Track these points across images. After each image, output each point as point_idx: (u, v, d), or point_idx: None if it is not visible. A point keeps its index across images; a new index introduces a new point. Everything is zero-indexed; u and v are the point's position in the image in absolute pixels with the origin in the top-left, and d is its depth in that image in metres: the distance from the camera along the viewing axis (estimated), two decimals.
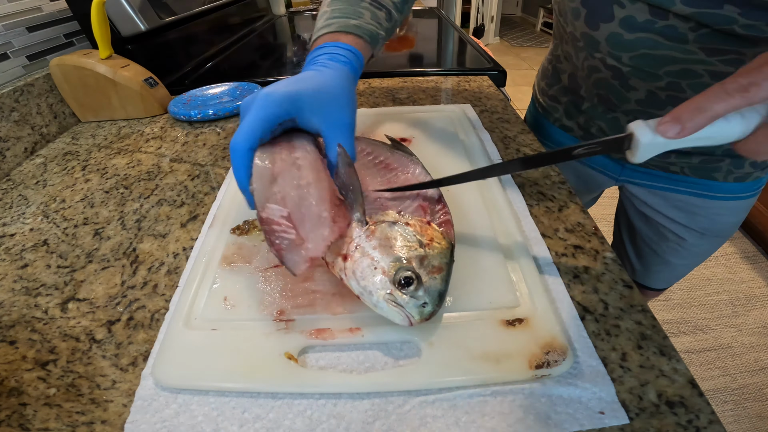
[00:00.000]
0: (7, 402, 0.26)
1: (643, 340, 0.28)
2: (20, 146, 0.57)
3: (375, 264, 0.27)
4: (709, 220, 0.58)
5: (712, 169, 0.52)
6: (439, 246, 0.28)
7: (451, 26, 1.13)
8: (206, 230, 0.39)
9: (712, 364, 1.19)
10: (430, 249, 0.28)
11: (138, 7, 0.70)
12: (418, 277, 0.26)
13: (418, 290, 0.26)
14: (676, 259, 0.65)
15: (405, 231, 0.29)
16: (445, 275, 0.27)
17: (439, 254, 0.28)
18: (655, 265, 0.69)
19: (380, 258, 0.27)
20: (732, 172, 0.52)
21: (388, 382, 0.25)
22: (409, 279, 0.26)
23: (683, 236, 0.61)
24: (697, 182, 0.55)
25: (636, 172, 0.59)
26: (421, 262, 0.27)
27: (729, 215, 0.58)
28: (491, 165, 0.38)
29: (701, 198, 0.56)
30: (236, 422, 0.24)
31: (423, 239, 0.28)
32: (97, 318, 0.32)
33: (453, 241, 0.29)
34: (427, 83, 0.72)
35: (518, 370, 0.25)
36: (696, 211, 0.58)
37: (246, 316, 0.29)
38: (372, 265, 0.27)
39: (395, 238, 0.28)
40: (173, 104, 0.64)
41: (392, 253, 0.27)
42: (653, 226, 0.64)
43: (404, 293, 0.26)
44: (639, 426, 0.23)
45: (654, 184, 0.59)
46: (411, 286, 0.26)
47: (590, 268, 0.33)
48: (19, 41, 0.60)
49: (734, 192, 0.55)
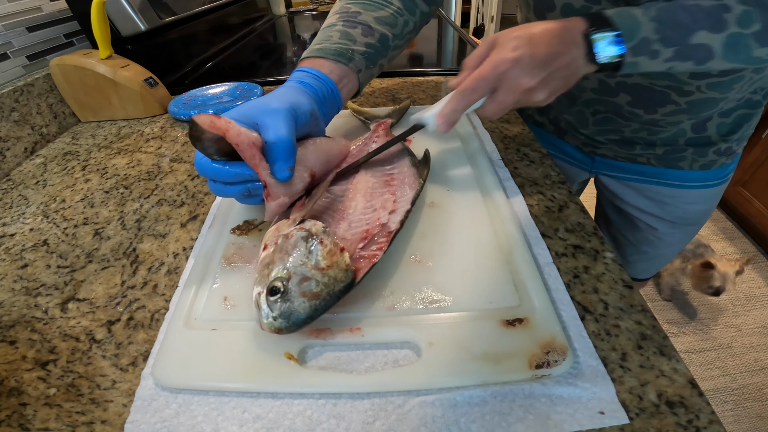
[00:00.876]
0: (7, 402, 0.26)
1: (643, 340, 0.28)
2: (20, 146, 0.57)
3: (271, 263, 0.28)
4: (680, 209, 0.60)
5: (677, 158, 0.54)
6: (332, 276, 0.27)
7: (451, 26, 1.13)
8: (206, 230, 0.39)
9: (712, 364, 1.19)
10: (320, 274, 0.27)
11: (138, 7, 0.70)
12: (284, 293, 0.26)
13: (276, 303, 0.26)
14: (651, 248, 0.67)
15: (313, 247, 0.28)
16: (316, 303, 0.27)
17: (327, 282, 0.27)
18: (632, 255, 0.70)
19: (276, 261, 0.28)
20: (696, 160, 0.54)
21: (388, 382, 0.25)
22: (275, 289, 0.26)
23: (655, 226, 0.63)
24: (665, 172, 0.56)
25: (605, 164, 0.61)
26: (300, 281, 0.27)
27: (699, 203, 0.59)
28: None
29: (670, 188, 0.58)
30: (236, 422, 0.24)
31: (322, 263, 0.28)
32: (97, 318, 0.32)
33: (356, 279, 0.29)
34: (427, 83, 0.72)
35: (518, 370, 0.25)
36: (666, 201, 0.59)
37: (246, 316, 0.29)
38: (269, 263, 0.28)
39: (299, 249, 0.28)
40: (173, 104, 0.64)
41: (285, 261, 0.28)
42: (626, 217, 0.66)
43: (269, 299, 0.26)
44: (639, 426, 0.23)
45: (624, 175, 0.60)
46: (274, 296, 0.26)
47: (590, 268, 0.33)
48: (19, 41, 0.60)
49: (702, 180, 0.56)
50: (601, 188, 0.67)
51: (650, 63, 0.34)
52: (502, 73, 0.33)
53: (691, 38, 0.32)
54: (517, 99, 0.34)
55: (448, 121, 0.36)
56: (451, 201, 0.39)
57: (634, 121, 0.52)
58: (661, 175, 0.57)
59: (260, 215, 0.39)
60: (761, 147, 1.41)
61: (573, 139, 0.61)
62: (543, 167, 0.46)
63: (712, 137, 0.51)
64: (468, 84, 0.35)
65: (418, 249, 0.34)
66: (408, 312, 0.29)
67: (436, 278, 0.31)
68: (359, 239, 0.32)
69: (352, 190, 0.39)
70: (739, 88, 0.45)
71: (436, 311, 0.29)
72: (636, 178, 0.59)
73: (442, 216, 0.37)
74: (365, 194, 0.38)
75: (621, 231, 0.69)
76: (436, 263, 0.32)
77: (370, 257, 0.30)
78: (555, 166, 0.46)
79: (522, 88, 0.33)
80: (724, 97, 0.46)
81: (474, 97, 0.35)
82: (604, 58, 0.33)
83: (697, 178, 0.56)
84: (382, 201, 0.36)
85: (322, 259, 0.28)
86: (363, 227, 0.34)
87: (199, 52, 0.91)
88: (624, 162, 0.59)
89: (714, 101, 0.46)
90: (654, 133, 0.52)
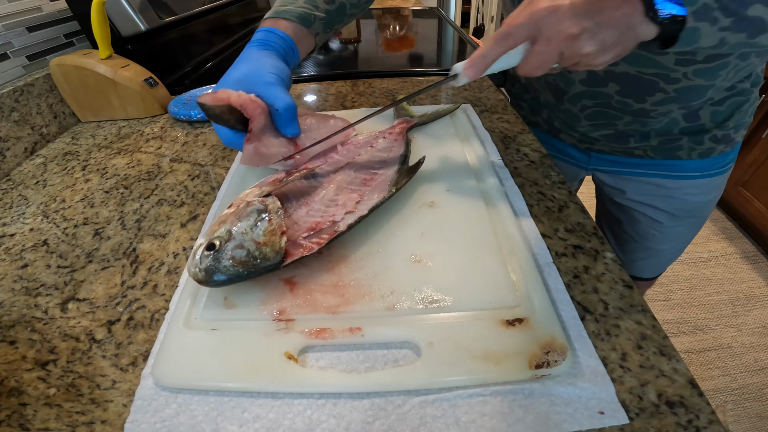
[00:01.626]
0: (7, 402, 0.26)
1: (643, 340, 0.28)
2: (20, 146, 0.57)
3: (223, 223, 0.31)
4: (681, 201, 0.59)
5: (674, 148, 0.54)
6: (263, 252, 0.30)
7: (451, 26, 1.13)
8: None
9: (712, 364, 1.19)
10: (254, 247, 0.30)
11: (138, 7, 0.70)
12: (215, 251, 0.29)
13: (207, 257, 0.29)
14: (656, 244, 0.66)
15: (260, 221, 0.31)
16: (239, 270, 0.29)
17: (256, 256, 0.29)
18: (637, 252, 0.69)
19: (228, 221, 0.31)
20: (694, 149, 0.53)
21: (388, 382, 0.25)
22: (211, 245, 0.29)
23: (658, 219, 0.62)
24: (663, 163, 0.56)
25: (602, 159, 0.61)
26: (236, 246, 0.29)
27: (700, 194, 0.58)
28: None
29: (669, 179, 0.57)
30: (236, 422, 0.24)
31: (261, 238, 0.30)
32: (97, 318, 0.32)
33: (283, 262, 0.30)
34: (427, 83, 0.72)
35: (518, 370, 0.25)
36: (666, 193, 0.59)
37: (246, 316, 0.29)
38: (223, 221, 0.31)
39: (249, 219, 0.31)
40: (173, 104, 0.64)
41: (233, 224, 0.31)
42: (627, 213, 0.65)
43: (203, 252, 0.29)
44: (639, 426, 0.23)
45: (621, 169, 0.60)
46: (207, 251, 0.29)
47: (590, 268, 0.33)
48: (19, 41, 0.60)
49: (701, 170, 0.55)
50: (600, 185, 0.67)
51: (710, 30, 0.31)
52: (539, 19, 0.30)
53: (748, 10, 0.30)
54: (560, 49, 0.30)
55: (476, 65, 0.33)
56: (450, 201, 0.39)
57: (625, 113, 0.52)
58: (659, 166, 0.57)
59: None
60: (761, 147, 1.41)
61: (568, 137, 0.62)
62: (543, 167, 0.46)
63: (707, 125, 0.51)
64: (501, 30, 0.31)
65: (418, 249, 0.34)
66: (408, 312, 0.29)
67: (436, 278, 0.31)
68: (307, 228, 0.34)
69: (330, 180, 0.40)
70: (725, 75, 0.45)
71: (436, 311, 0.29)
72: (634, 171, 0.59)
73: (442, 216, 0.37)
74: (338, 187, 0.39)
75: (623, 227, 0.68)
76: (436, 263, 0.32)
77: (307, 247, 0.32)
78: (555, 166, 0.46)
79: (563, 34, 0.29)
80: (711, 84, 0.46)
81: (508, 44, 0.31)
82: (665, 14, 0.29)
83: (696, 167, 0.55)
84: (346, 198, 0.37)
85: (262, 235, 0.30)
86: (317, 218, 0.35)
87: (199, 52, 0.91)
88: (621, 156, 0.58)
89: (702, 88, 0.46)
90: (646, 124, 0.52)
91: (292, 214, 0.35)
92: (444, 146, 0.48)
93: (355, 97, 0.68)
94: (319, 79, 0.77)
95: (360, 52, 0.93)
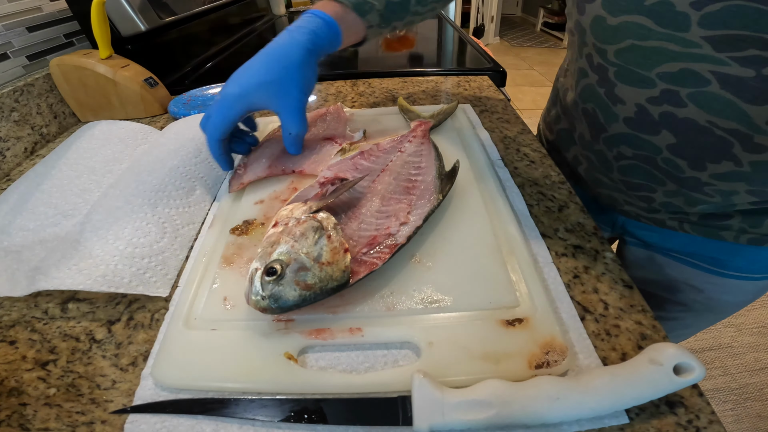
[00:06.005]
0: (7, 402, 0.26)
1: (643, 340, 0.28)
2: (20, 146, 0.57)
3: (276, 243, 0.29)
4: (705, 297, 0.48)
5: (718, 227, 0.42)
6: (329, 273, 0.28)
7: (451, 26, 1.13)
8: (206, 230, 0.39)
9: (712, 364, 1.19)
10: (319, 268, 0.28)
11: (138, 7, 0.70)
12: (279, 276, 0.27)
13: (269, 284, 0.27)
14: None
15: (320, 240, 0.29)
16: (307, 295, 0.27)
17: (322, 278, 0.27)
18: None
19: (282, 242, 0.29)
20: (746, 231, 0.40)
21: (388, 382, 0.25)
22: (272, 270, 0.27)
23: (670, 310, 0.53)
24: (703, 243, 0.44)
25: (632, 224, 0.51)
26: (298, 269, 0.27)
27: (733, 295, 0.47)
28: None
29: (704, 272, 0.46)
30: (236, 422, 0.24)
31: (324, 258, 0.28)
32: (97, 318, 0.32)
33: (350, 281, 0.29)
34: (427, 83, 0.72)
35: (518, 370, 0.25)
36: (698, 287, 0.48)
37: (246, 316, 0.29)
38: (275, 242, 0.29)
39: (307, 238, 0.29)
40: (173, 104, 0.64)
41: (290, 246, 0.28)
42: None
43: (263, 278, 0.27)
44: (639, 426, 0.23)
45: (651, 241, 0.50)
46: (269, 277, 0.27)
47: (590, 268, 0.33)
48: (19, 41, 0.60)
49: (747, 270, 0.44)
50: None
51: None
52: None
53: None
54: None
55: None
56: (451, 201, 0.39)
57: (671, 179, 0.39)
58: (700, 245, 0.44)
59: (260, 215, 0.39)
60: None
61: (590, 189, 0.51)
62: (543, 167, 0.46)
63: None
64: None
65: (418, 249, 0.34)
66: (408, 312, 0.29)
67: (436, 278, 0.31)
68: (365, 243, 0.32)
69: (371, 190, 0.38)
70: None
71: (436, 311, 0.29)
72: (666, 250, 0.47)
73: (442, 216, 0.37)
74: (382, 197, 0.37)
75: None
76: (436, 263, 0.32)
77: (369, 264, 0.30)
78: (555, 166, 0.46)
79: None
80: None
81: None
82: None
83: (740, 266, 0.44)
84: (396, 209, 0.36)
85: (325, 255, 0.28)
86: (372, 232, 0.33)
87: (199, 52, 0.91)
88: (648, 224, 0.47)
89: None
90: (693, 202, 0.40)
91: (344, 229, 0.33)
92: (444, 146, 0.48)
93: (355, 97, 0.68)
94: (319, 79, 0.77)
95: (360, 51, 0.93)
